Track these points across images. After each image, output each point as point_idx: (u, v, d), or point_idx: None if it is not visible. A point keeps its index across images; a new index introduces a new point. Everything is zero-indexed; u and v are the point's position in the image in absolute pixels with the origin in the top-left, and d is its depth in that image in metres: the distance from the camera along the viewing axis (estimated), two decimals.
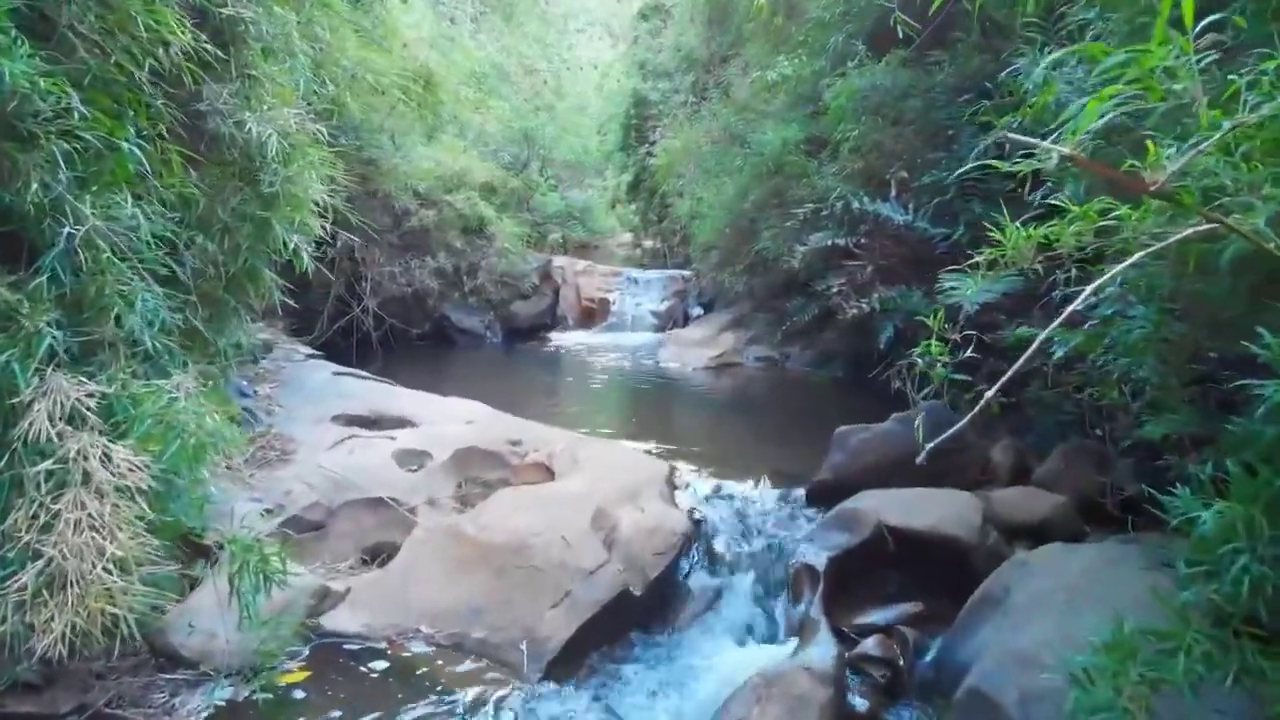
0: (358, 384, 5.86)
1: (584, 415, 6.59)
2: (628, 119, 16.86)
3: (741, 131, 8.99)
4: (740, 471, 4.95)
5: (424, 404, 5.59)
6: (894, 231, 6.11)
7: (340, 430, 5.02)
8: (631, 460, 4.81)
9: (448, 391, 7.47)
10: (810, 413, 6.61)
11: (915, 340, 5.92)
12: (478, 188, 9.72)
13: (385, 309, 9.22)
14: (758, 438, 5.90)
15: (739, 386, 7.83)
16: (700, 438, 5.93)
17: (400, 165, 8.86)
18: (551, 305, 11.07)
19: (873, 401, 6.27)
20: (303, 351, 6.42)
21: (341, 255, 9.02)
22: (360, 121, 8.78)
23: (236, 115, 4.09)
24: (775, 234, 8.12)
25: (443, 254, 9.39)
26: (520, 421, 5.45)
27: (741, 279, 8.93)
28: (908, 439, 4.39)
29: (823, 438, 5.83)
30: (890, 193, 6.03)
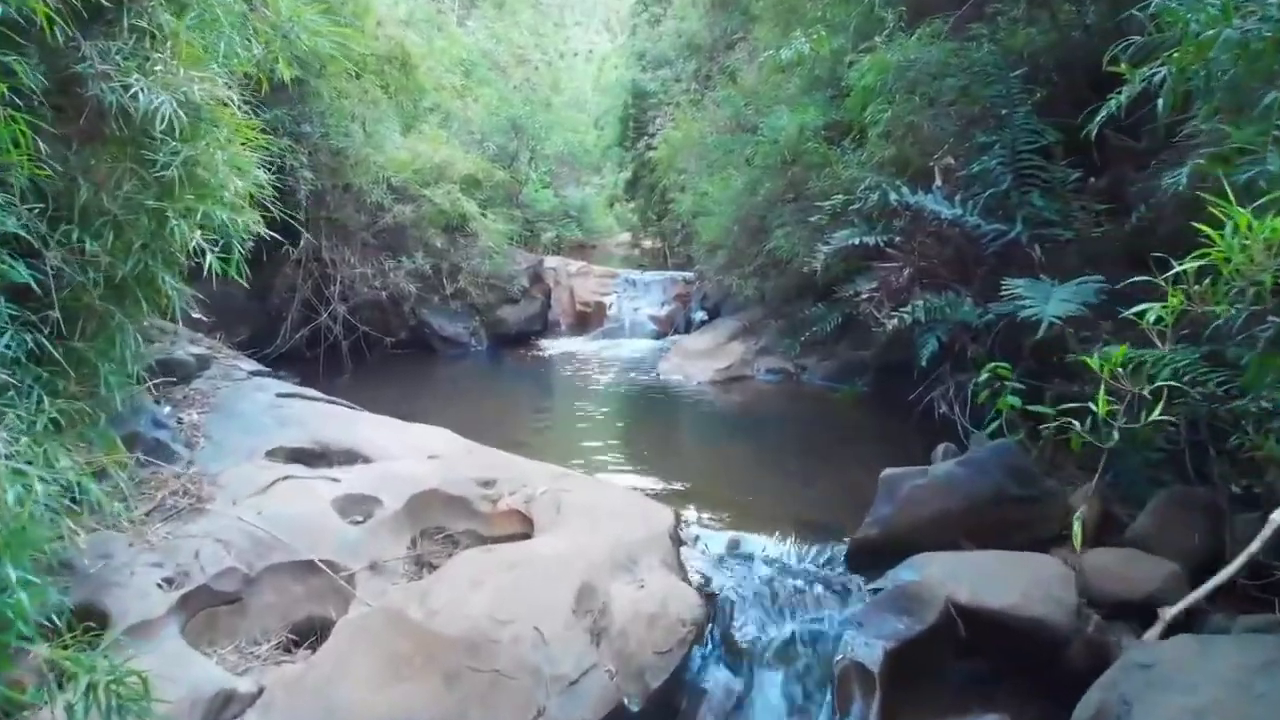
0: (305, 408, 4.96)
1: (573, 440, 5.69)
2: (625, 112, 16.00)
3: (751, 119, 8.10)
4: (760, 519, 4.07)
5: (382, 433, 4.70)
6: (935, 228, 5.23)
7: (274, 469, 4.12)
8: (627, 506, 3.92)
9: (421, 408, 6.60)
10: (837, 439, 5.73)
11: (963, 355, 5.04)
12: (460, 181, 8.82)
13: (357, 315, 8.34)
14: (778, 471, 5.01)
15: (750, 404, 6.94)
16: (709, 471, 5.04)
17: (371, 156, 7.96)
18: (542, 310, 10.18)
19: (909, 425, 5.40)
20: (244, 368, 5.53)
21: (307, 255, 8.15)
22: (328, 107, 7.90)
23: (125, 80, 3.21)
24: (790, 232, 7.25)
25: (421, 254, 8.50)
26: (495, 455, 4.57)
27: (751, 282, 8.06)
28: (974, 487, 3.53)
29: (856, 472, 4.94)
30: (933, 183, 5.15)
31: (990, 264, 5.11)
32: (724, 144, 8.43)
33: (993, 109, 5.11)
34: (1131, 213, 4.89)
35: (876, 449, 5.33)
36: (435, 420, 6.12)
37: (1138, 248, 4.89)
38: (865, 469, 4.95)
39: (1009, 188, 4.84)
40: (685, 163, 10.17)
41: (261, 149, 4.76)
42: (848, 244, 5.70)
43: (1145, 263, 4.96)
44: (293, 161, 7.36)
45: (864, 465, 5.05)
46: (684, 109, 10.49)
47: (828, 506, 4.25)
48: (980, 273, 5.09)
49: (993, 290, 5.10)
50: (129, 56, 3.33)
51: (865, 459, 5.19)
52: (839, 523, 4.00)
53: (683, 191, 10.14)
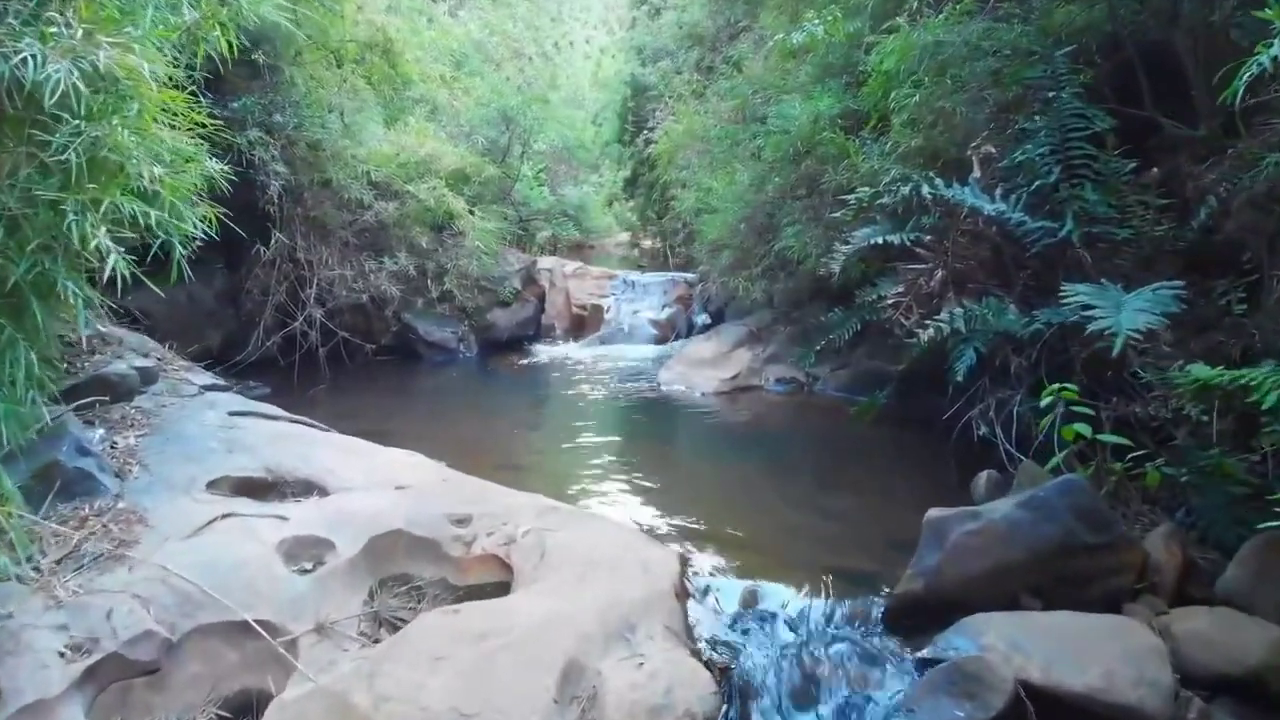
0: (260, 429, 4.38)
1: (565, 462, 5.12)
2: (624, 107, 15.47)
3: (759, 108, 7.53)
4: (779, 563, 3.50)
5: (345, 459, 4.13)
6: (970, 226, 4.66)
7: (214, 504, 3.54)
8: (623, 549, 3.34)
9: (399, 424, 6.02)
10: (861, 461, 5.16)
11: (1004, 370, 4.47)
12: (447, 176, 8.24)
13: (336, 319, 7.76)
14: (796, 500, 4.43)
15: (760, 419, 6.37)
16: (718, 501, 4.47)
17: (350, 149, 7.38)
18: (535, 313, 9.60)
19: (941, 445, 4.83)
20: (197, 382, 4.95)
21: (281, 256, 7.57)
22: (304, 96, 7.32)
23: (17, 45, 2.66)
24: (801, 230, 6.69)
25: (404, 254, 7.92)
26: (472, 484, 4.00)
27: (759, 284, 7.49)
28: (1038, 533, 2.95)
29: (886, 502, 4.37)
30: (969, 175, 4.58)
31: (1033, 266, 4.55)
32: (731, 134, 7.87)
33: (1036, 92, 4.53)
34: (1190, 209, 4.34)
35: (906, 474, 4.78)
36: (414, 437, 5.56)
37: (1202, 249, 4.34)
38: (896, 499, 4.42)
39: (1057, 180, 4.27)
40: (687, 158, 9.60)
41: (215, 136, 4.25)
42: (869, 243, 5.12)
43: (1211, 266, 4.45)
44: (262, 154, 6.79)
45: (894, 494, 4.51)
46: (685, 101, 9.92)
47: (857, 547, 3.67)
48: (1022, 276, 4.52)
49: (1036, 296, 4.54)
50: (28, 20, 2.79)
51: (894, 487, 4.64)
52: (871, 569, 3.44)
53: (684, 188, 9.58)
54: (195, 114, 4.45)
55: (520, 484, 4.53)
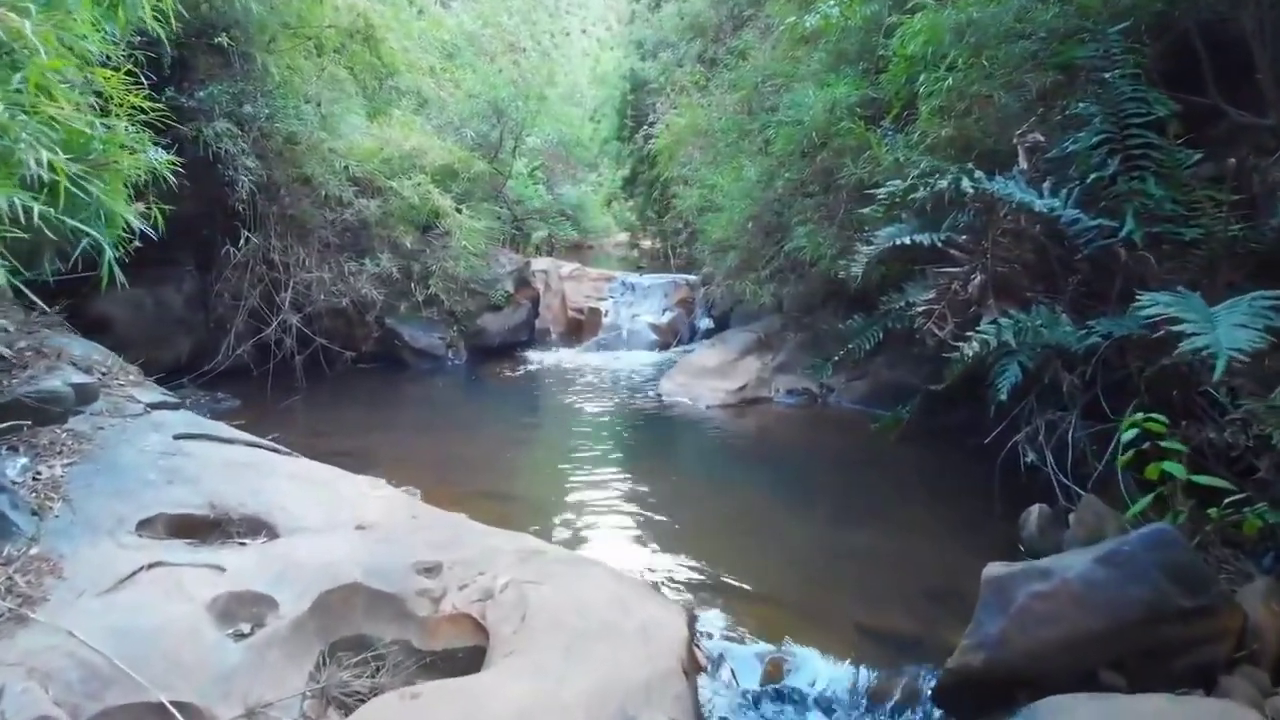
0: (208, 455, 3.86)
1: (555, 489, 4.59)
2: (623, 103, 14.96)
3: (769, 97, 7.01)
4: (802, 620, 2.99)
5: (303, 489, 3.61)
6: (1011, 224, 4.14)
7: (143, 550, 3.02)
8: (621, 610, 2.82)
9: (375, 442, 5.46)
10: (889, 487, 4.64)
11: (1054, 387, 3.93)
12: (433, 172, 7.71)
13: (315, 324, 7.23)
14: (815, 537, 3.91)
15: (771, 436, 5.85)
16: (727, 538, 3.93)
17: (327, 142, 6.85)
18: (529, 317, 9.07)
19: (972, 465, 4.33)
20: (143, 400, 4.41)
21: (254, 257, 7.04)
22: (278, 85, 6.79)
23: None
24: (814, 230, 6.18)
25: (387, 255, 7.39)
26: (447, 521, 3.48)
27: (767, 288, 6.97)
28: (1123, 597, 2.43)
29: (922, 541, 3.81)
30: (1015, 166, 4.06)
31: (1083, 270, 4.02)
32: (738, 124, 7.35)
33: (1088, 74, 4.01)
34: (1258, 206, 3.83)
35: (939, 503, 4.26)
36: (392, 458, 5.04)
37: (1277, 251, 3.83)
38: (931, 535, 3.88)
39: (1116, 172, 3.75)
40: (689, 153, 9.08)
41: (170, 125, 3.74)
42: (893, 244, 4.60)
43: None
44: (230, 147, 6.27)
45: (928, 529, 3.97)
46: (688, 93, 9.39)
47: (892, 598, 3.15)
48: (1072, 281, 4.00)
49: (1088, 303, 4.02)
50: None
51: (927, 519, 4.11)
52: (911, 629, 2.92)
53: (686, 185, 9.05)
54: (133, 96, 3.97)
55: (505, 515, 4.02)
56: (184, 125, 6.36)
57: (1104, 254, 3.85)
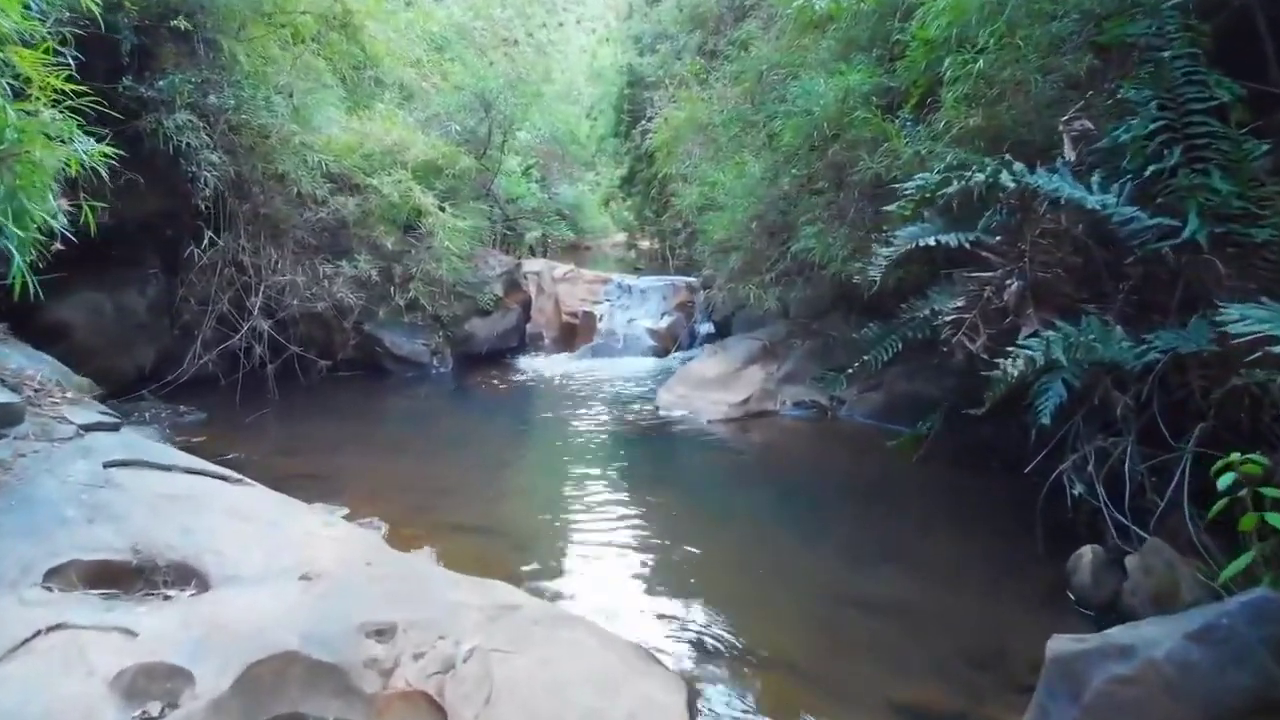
0: (142, 485, 3.39)
1: (537, 521, 4.10)
2: (620, 98, 14.49)
3: (776, 87, 6.54)
4: (822, 694, 2.52)
5: (244, 527, 3.14)
6: (1051, 223, 3.67)
7: (44, 607, 2.55)
8: (607, 686, 2.35)
9: (347, 459, 4.96)
10: (908, 516, 4.17)
11: (1104, 408, 3.41)
12: (416, 168, 7.24)
13: (290, 331, 6.76)
14: (832, 582, 3.42)
15: (777, 454, 5.37)
16: (732, 584, 3.43)
17: (298, 135, 6.38)
18: (519, 322, 8.60)
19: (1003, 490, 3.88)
20: (76, 421, 3.93)
21: (223, 259, 6.56)
22: (248, 74, 6.31)
23: None
24: (823, 230, 5.72)
25: (365, 257, 6.92)
26: (407, 568, 3.02)
27: (772, 292, 6.51)
28: (1222, 682, 1.96)
29: (951, 585, 3.29)
30: (1060, 158, 3.59)
31: (1134, 276, 3.56)
32: (741, 116, 6.88)
33: (1142, 53, 3.55)
34: None
35: (971, 538, 3.78)
36: (360, 482, 4.54)
37: None
38: (964, 581, 3.37)
39: (1177, 164, 3.28)
40: (689, 149, 8.60)
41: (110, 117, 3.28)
42: (915, 245, 4.12)
43: None
44: (193, 140, 5.79)
45: (960, 572, 3.47)
46: (688, 85, 8.92)
47: (925, 664, 2.68)
48: (1123, 288, 3.53)
49: (1139, 313, 3.55)
50: None
51: (959, 558, 3.62)
52: (952, 706, 2.45)
53: (685, 183, 8.57)
54: (52, 78, 3.50)
55: (480, 554, 3.55)
56: (145, 117, 5.92)
57: (1160, 257, 3.38)
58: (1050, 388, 3.32)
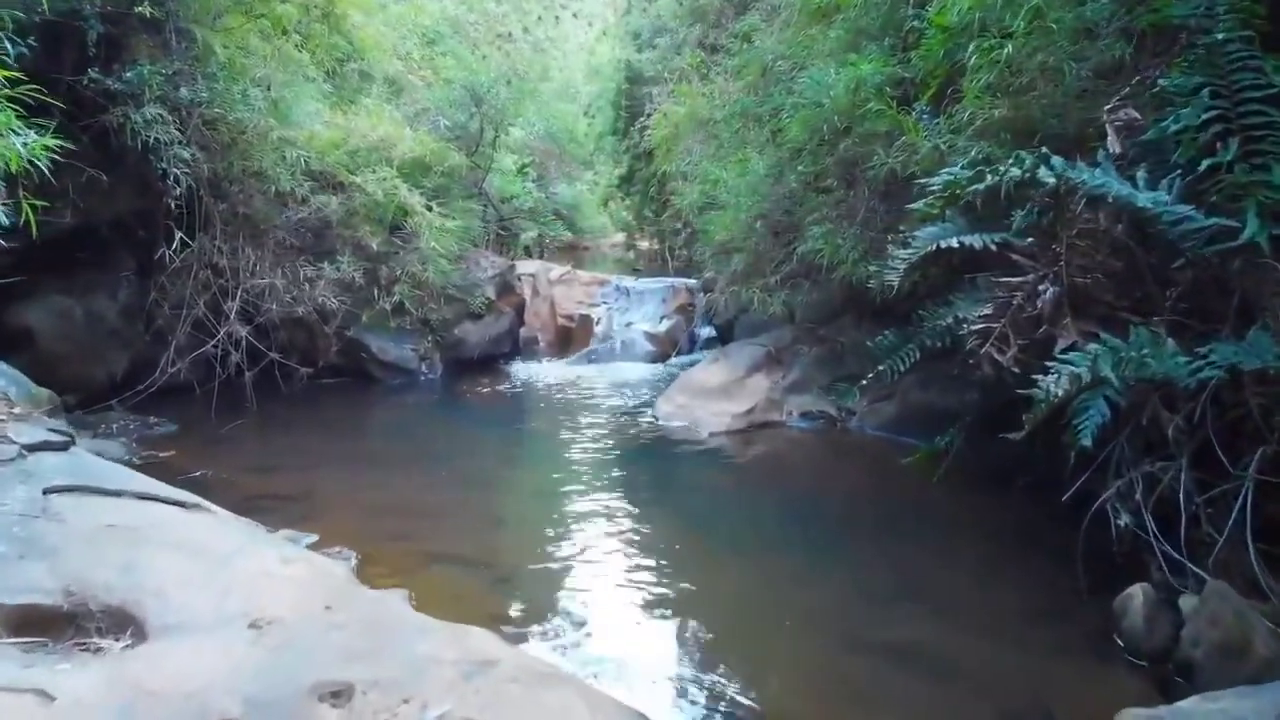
0: (84, 514, 3.05)
1: (522, 553, 3.74)
2: (618, 95, 14.16)
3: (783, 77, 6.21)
4: None
5: (192, 564, 2.79)
6: (1089, 223, 3.34)
7: None
8: None
9: (322, 478, 4.56)
10: (929, 543, 3.81)
11: (1151, 428, 3.00)
12: (402, 166, 6.89)
13: (271, 336, 6.42)
14: (850, 627, 3.06)
15: (784, 470, 5.03)
16: (739, 630, 3.07)
17: (276, 130, 6.04)
18: (512, 326, 8.26)
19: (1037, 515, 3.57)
20: (19, 441, 3.58)
21: (197, 261, 6.22)
22: (224, 66, 5.98)
23: None
24: (832, 229, 5.40)
25: (349, 258, 6.58)
26: (372, 611, 2.67)
27: (777, 296, 6.17)
28: None
29: (983, 628, 2.92)
30: (1103, 151, 3.25)
31: (1183, 281, 3.22)
32: (747, 107, 6.56)
33: (1190, 36, 3.21)
34: None
35: (1004, 575, 3.43)
36: (335, 504, 4.17)
37: None
38: (997, 623, 2.98)
39: (1234, 158, 2.95)
40: (689, 146, 8.27)
41: None
42: (935, 247, 3.79)
43: None
44: (162, 135, 5.45)
45: (992, 612, 3.09)
46: (688, 79, 8.58)
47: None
48: (1170, 295, 3.20)
49: (1188, 322, 3.22)
50: None
51: (988, 594, 3.27)
52: None
53: (686, 181, 8.24)
54: None
55: (460, 590, 3.22)
56: (112, 110, 5.59)
57: (1212, 261, 3.05)
58: (1091, 406, 2.98)
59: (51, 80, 5.50)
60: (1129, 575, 2.94)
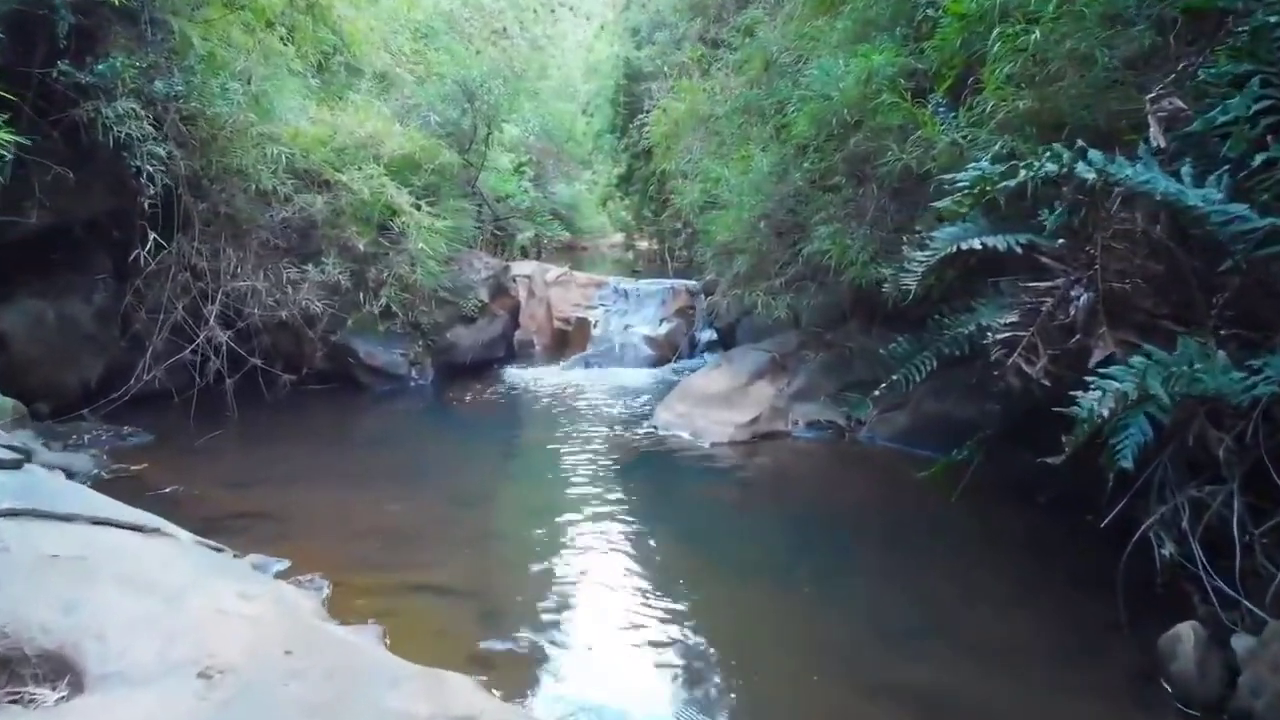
0: (28, 543, 2.78)
1: (510, 580, 3.45)
2: (616, 92, 13.88)
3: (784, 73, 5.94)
4: None
5: (137, 603, 2.52)
6: (1125, 223, 3.07)
7: None
8: None
9: (299, 495, 4.23)
10: (950, 571, 3.53)
11: (1197, 448, 2.75)
12: (391, 163, 6.62)
13: (254, 340, 6.14)
14: (868, 668, 2.78)
15: (791, 487, 4.75)
16: (746, 671, 2.78)
17: (256, 125, 5.77)
18: (506, 330, 7.99)
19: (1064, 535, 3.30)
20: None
21: (175, 264, 5.95)
22: (201, 60, 5.71)
23: None
24: (840, 229, 5.14)
25: (334, 259, 6.31)
26: (336, 657, 2.40)
27: (782, 299, 5.90)
28: None
29: (1014, 668, 2.63)
30: (1144, 145, 2.98)
31: (1231, 288, 2.95)
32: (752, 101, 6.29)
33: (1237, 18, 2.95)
34: None
35: (1034, 606, 3.15)
36: (311, 524, 3.88)
37: None
38: (1032, 666, 2.69)
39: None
40: (690, 143, 7.99)
41: None
42: (956, 249, 3.52)
43: None
44: (134, 131, 5.18)
45: (1025, 655, 2.80)
46: (689, 73, 8.31)
47: None
48: (1216, 302, 2.93)
49: (1236, 331, 2.95)
50: None
51: (1022, 636, 2.98)
52: None
53: (686, 179, 7.97)
54: None
55: (441, 624, 2.95)
56: (83, 105, 5.32)
57: (1266, 265, 2.78)
58: (1131, 424, 2.71)
59: (19, 74, 5.28)
60: (1171, 607, 2.68)
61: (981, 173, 3.06)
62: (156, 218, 5.65)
